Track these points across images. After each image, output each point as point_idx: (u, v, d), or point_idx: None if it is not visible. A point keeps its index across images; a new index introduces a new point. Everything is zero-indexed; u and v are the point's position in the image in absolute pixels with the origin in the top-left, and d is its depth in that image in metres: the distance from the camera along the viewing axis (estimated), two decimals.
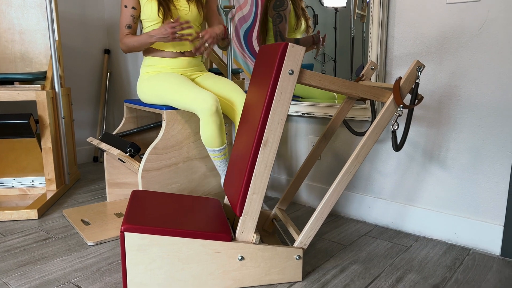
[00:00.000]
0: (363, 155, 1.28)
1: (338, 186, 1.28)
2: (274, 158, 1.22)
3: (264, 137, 1.21)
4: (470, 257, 1.45)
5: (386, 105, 1.27)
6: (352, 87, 1.27)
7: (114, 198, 2.05)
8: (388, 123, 1.28)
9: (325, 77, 1.24)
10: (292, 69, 1.18)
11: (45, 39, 2.30)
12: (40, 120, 2.05)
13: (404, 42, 1.60)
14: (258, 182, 1.22)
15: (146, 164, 1.63)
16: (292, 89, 1.19)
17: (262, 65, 1.35)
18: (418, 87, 1.30)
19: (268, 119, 1.20)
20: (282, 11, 1.99)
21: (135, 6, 1.72)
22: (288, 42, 1.17)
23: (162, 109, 1.67)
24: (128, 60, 2.94)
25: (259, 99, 1.28)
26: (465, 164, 1.52)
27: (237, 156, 1.39)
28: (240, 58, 2.42)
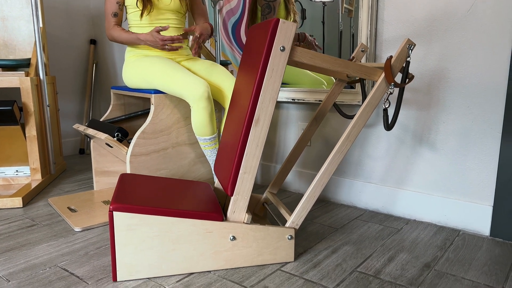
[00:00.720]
0: (354, 134, 1.28)
1: (329, 166, 1.27)
2: (265, 137, 1.21)
3: (255, 115, 1.19)
4: (460, 238, 1.46)
5: (377, 84, 1.26)
6: (344, 65, 1.26)
7: (101, 187, 2.01)
8: (379, 102, 1.28)
9: (317, 54, 1.23)
10: (283, 45, 1.16)
11: (29, 26, 2.25)
12: (24, 107, 2.00)
13: (394, 25, 1.60)
14: (250, 161, 1.21)
15: (135, 148, 1.60)
16: (284, 66, 1.18)
17: (252, 46, 1.33)
18: (409, 66, 1.31)
19: (259, 96, 1.18)
20: (272, 2, 1.98)
21: None
22: (279, 18, 1.16)
23: (150, 93, 1.64)
24: (114, 51, 2.89)
25: (250, 78, 1.26)
26: (454, 146, 1.53)
27: (228, 137, 1.37)
28: (228, 51, 2.40)
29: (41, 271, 1.22)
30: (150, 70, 1.62)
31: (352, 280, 1.17)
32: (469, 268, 1.24)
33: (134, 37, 1.65)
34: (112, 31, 1.69)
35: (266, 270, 1.22)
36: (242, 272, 1.21)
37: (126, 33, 1.67)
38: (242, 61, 1.43)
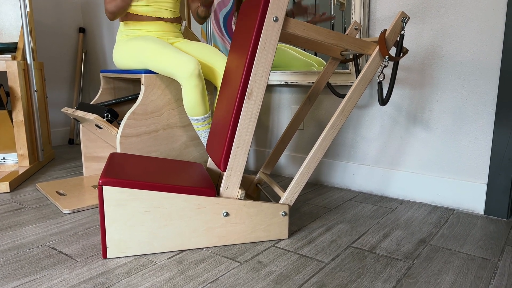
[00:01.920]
0: (348, 108, 1.26)
1: (323, 141, 1.25)
2: (258, 111, 1.19)
3: (248, 88, 1.17)
4: (454, 216, 1.45)
5: (372, 57, 1.25)
6: (338, 38, 1.24)
7: (91, 173, 1.97)
8: (373, 76, 1.26)
9: (310, 26, 1.21)
10: (276, 15, 1.14)
11: (16, 11, 2.20)
12: (11, 91, 1.95)
13: (387, 4, 1.59)
14: (243, 136, 1.18)
15: (125, 129, 1.56)
16: (277, 38, 1.16)
17: (244, 19, 1.31)
18: (403, 39, 1.29)
19: (252, 69, 1.16)
20: None
21: None
22: None
23: (140, 73, 1.61)
24: (104, 39, 2.85)
25: (242, 53, 1.23)
26: (448, 124, 1.52)
27: (220, 116, 1.34)
28: (219, 43, 2.38)
29: (28, 249, 1.18)
30: (141, 49, 1.59)
31: (347, 255, 1.15)
32: (464, 243, 1.23)
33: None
34: (108, 5, 1.59)
35: (260, 247, 1.20)
36: (235, 249, 1.19)
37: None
38: (233, 39, 1.41)
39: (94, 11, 2.86)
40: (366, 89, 1.70)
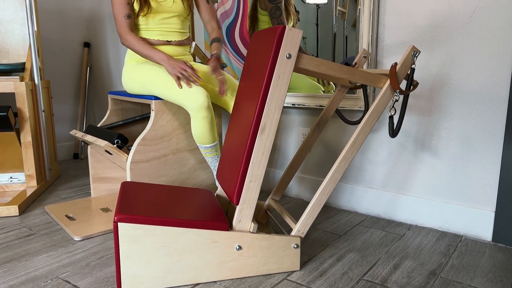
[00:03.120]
0: (360, 141, 1.27)
1: (335, 173, 1.26)
2: (271, 145, 1.20)
3: (261, 123, 1.18)
4: (463, 244, 1.47)
5: (382, 91, 1.26)
6: (349, 73, 1.25)
7: (98, 194, 1.98)
8: (384, 109, 1.28)
9: (322, 61, 1.22)
10: (289, 53, 1.15)
11: (23, 30, 2.20)
12: (19, 113, 1.96)
13: (395, 31, 1.60)
14: (256, 170, 1.19)
15: (135, 155, 1.57)
16: (290, 74, 1.17)
17: (256, 52, 1.32)
18: (414, 73, 1.31)
19: (265, 104, 1.17)
20: (279, 3, 1.96)
21: None
22: (285, 25, 1.15)
23: (150, 99, 1.62)
24: (109, 54, 2.86)
25: (254, 85, 1.25)
26: (456, 151, 1.53)
27: (232, 145, 1.35)
28: (223, 55, 2.39)
29: (43, 283, 1.19)
30: (150, 77, 1.59)
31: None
32: (474, 275, 1.24)
33: (154, 53, 1.56)
34: (129, 37, 1.59)
35: (272, 280, 1.21)
36: (248, 282, 1.20)
37: (143, 44, 1.59)
38: (245, 67, 1.42)
39: (98, 26, 2.87)
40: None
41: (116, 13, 1.60)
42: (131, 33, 1.60)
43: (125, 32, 1.60)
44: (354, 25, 1.97)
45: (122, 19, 1.59)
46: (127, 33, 1.60)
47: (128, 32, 1.60)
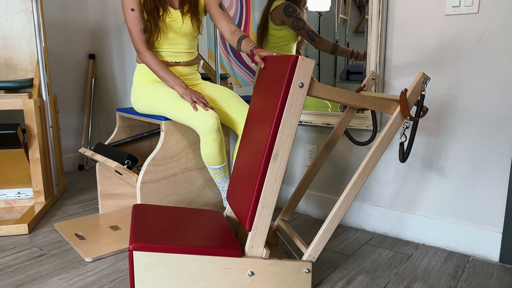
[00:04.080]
0: (371, 166, 1.28)
1: (346, 199, 1.27)
2: (283, 172, 1.21)
3: (274, 150, 1.19)
4: (470, 265, 1.48)
5: (393, 117, 1.28)
6: (360, 100, 1.27)
7: (106, 210, 1.99)
8: (395, 134, 1.29)
9: (334, 89, 1.24)
10: (302, 82, 1.17)
11: (30, 45, 2.22)
12: (27, 130, 1.97)
13: (403, 52, 1.61)
14: (268, 196, 1.21)
15: (145, 176, 1.58)
16: (302, 102, 1.18)
17: (268, 77, 1.33)
18: (424, 99, 1.32)
19: (278, 132, 1.19)
20: (299, 15, 1.98)
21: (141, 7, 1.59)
22: (298, 55, 1.16)
23: (160, 120, 1.63)
24: (114, 65, 2.87)
25: (267, 111, 1.26)
26: (463, 172, 1.54)
27: (243, 169, 1.36)
28: (225, 63, 2.41)
29: None
30: (159, 98, 1.60)
31: None
32: None
33: (170, 77, 1.57)
34: (148, 55, 1.58)
35: None
36: None
37: (162, 66, 1.58)
38: (257, 89, 1.43)
39: (103, 38, 2.88)
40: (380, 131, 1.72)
41: (131, 28, 1.58)
42: (149, 50, 1.59)
43: (143, 48, 1.58)
44: (355, 31, 2.00)
45: (137, 34, 1.58)
46: (145, 50, 1.58)
47: (146, 49, 1.58)
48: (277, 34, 2.10)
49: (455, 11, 1.47)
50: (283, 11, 2.03)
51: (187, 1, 1.65)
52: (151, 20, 1.59)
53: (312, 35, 2.03)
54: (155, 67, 1.58)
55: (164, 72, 1.57)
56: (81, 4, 2.85)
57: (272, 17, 2.08)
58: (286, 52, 2.13)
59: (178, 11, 1.63)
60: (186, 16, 1.64)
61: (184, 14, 1.64)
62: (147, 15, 1.59)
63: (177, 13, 1.63)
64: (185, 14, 1.64)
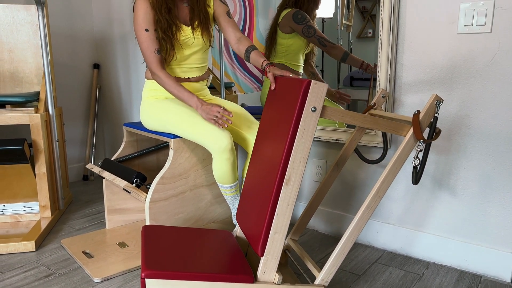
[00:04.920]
0: (383, 189, 1.27)
1: (359, 222, 1.26)
2: (296, 196, 1.20)
3: (286, 175, 1.18)
4: (482, 285, 1.47)
5: (406, 140, 1.26)
6: (373, 122, 1.26)
7: (113, 225, 1.98)
8: (408, 157, 1.28)
9: (346, 112, 1.22)
10: (315, 106, 1.15)
11: (36, 58, 2.20)
12: (34, 145, 1.96)
13: (414, 70, 1.60)
14: (280, 221, 1.19)
15: (154, 194, 1.57)
16: (315, 126, 1.17)
17: (279, 98, 1.32)
18: (437, 121, 1.31)
19: (290, 157, 1.17)
20: (309, 22, 1.97)
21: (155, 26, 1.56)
22: (311, 80, 1.15)
23: (169, 137, 1.62)
24: (119, 75, 2.86)
25: (279, 134, 1.25)
26: (475, 191, 1.53)
27: (254, 191, 1.35)
28: (229, 70, 2.40)
29: None
30: (170, 116, 1.59)
31: None
32: None
33: (186, 96, 1.52)
34: (162, 75, 1.55)
35: None
36: None
37: (176, 85, 1.54)
38: (267, 110, 1.42)
39: (108, 47, 2.87)
40: (391, 149, 1.71)
41: (145, 49, 1.56)
42: (163, 70, 1.56)
43: (158, 70, 1.56)
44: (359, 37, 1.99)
45: (152, 55, 1.56)
46: (160, 71, 1.56)
47: (160, 69, 1.56)
48: (285, 43, 2.08)
49: (467, 30, 1.46)
50: (292, 18, 2.01)
51: (197, 15, 1.63)
52: (167, 40, 1.56)
53: (323, 42, 2.01)
54: (170, 88, 1.55)
55: (179, 92, 1.54)
56: (86, 13, 2.84)
57: (280, 26, 2.07)
58: (294, 62, 2.12)
59: (189, 27, 1.62)
60: (196, 31, 1.63)
61: (194, 29, 1.62)
62: (162, 34, 1.57)
63: (189, 29, 1.61)
64: (195, 29, 1.62)
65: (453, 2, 1.47)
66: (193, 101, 1.53)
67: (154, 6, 1.55)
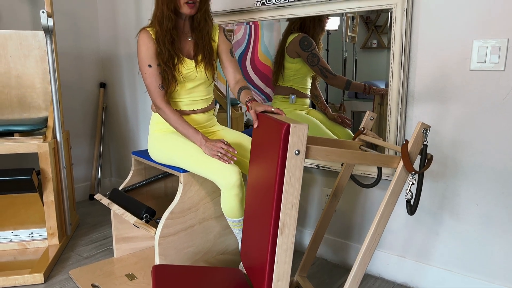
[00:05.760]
0: (382, 225, 1.25)
1: (362, 261, 1.24)
2: (293, 241, 1.18)
3: (280, 221, 1.16)
4: None
5: (397, 172, 1.23)
6: (362, 158, 1.23)
7: (121, 253, 1.97)
8: (402, 189, 1.26)
9: (333, 151, 1.19)
10: (298, 149, 1.13)
11: (44, 83, 2.20)
12: (42, 173, 1.96)
13: (424, 103, 1.59)
14: (281, 268, 1.18)
15: (163, 230, 1.56)
16: (301, 168, 1.14)
17: (263, 137, 1.31)
18: (427, 149, 1.28)
19: (281, 203, 1.15)
20: (314, 50, 1.97)
21: (158, 61, 1.57)
22: (290, 124, 1.12)
23: (178, 171, 1.61)
24: (125, 93, 2.85)
25: (266, 179, 1.23)
26: (481, 226, 1.52)
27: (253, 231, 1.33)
28: None
29: None
30: (178, 151, 1.58)
31: None
32: None
33: (190, 132, 1.54)
34: (167, 110, 1.56)
35: None
36: None
37: (181, 121, 1.56)
38: (254, 148, 1.40)
39: (114, 67, 2.86)
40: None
41: (149, 84, 1.57)
42: (167, 105, 1.57)
43: (162, 104, 1.57)
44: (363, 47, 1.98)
45: (156, 90, 1.57)
46: (164, 105, 1.56)
47: (165, 104, 1.57)
48: (293, 67, 2.08)
49: (480, 67, 1.44)
50: (299, 44, 2.01)
51: (201, 50, 1.63)
52: (168, 71, 1.57)
53: (325, 72, 2.01)
54: (175, 124, 1.56)
55: (183, 128, 1.54)
56: (92, 33, 2.84)
57: (288, 50, 2.06)
58: (301, 85, 2.11)
59: (192, 61, 1.61)
60: (200, 65, 1.62)
61: (198, 63, 1.62)
62: (163, 66, 1.56)
63: (192, 63, 1.61)
64: (199, 63, 1.62)
65: (466, 39, 1.46)
66: (197, 138, 1.53)
67: (157, 39, 1.55)
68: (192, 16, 1.60)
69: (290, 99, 2.16)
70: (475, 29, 1.44)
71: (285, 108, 2.18)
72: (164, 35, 1.54)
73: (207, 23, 1.61)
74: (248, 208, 1.41)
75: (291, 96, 2.15)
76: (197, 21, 1.60)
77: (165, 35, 1.54)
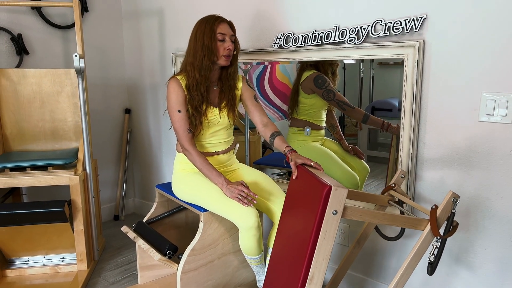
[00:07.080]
0: (402, 282, 1.33)
1: None
2: None
3: (310, 273, 1.25)
4: None
5: (423, 235, 1.32)
6: (392, 219, 1.32)
7: (145, 280, 2.09)
8: (426, 250, 1.33)
9: (366, 212, 1.29)
10: (336, 209, 1.23)
11: (74, 117, 2.35)
12: (72, 203, 2.10)
13: (435, 149, 1.65)
14: None
15: (185, 266, 1.67)
16: (336, 228, 1.24)
17: (301, 192, 1.40)
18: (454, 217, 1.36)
19: (313, 256, 1.25)
20: (328, 86, 2.06)
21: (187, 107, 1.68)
22: (331, 186, 1.22)
23: (199, 210, 1.71)
24: (149, 119, 2.99)
25: (301, 233, 1.32)
26: (494, 273, 1.57)
27: (280, 278, 1.43)
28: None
29: None
30: (200, 192, 1.69)
31: None
32: None
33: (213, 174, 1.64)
34: (193, 152, 1.66)
35: None
36: None
37: (205, 163, 1.65)
38: (289, 200, 1.50)
39: (139, 94, 3.01)
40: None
41: (178, 128, 1.68)
42: (194, 147, 1.68)
43: (189, 147, 1.67)
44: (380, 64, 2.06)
45: (184, 134, 1.67)
46: (191, 148, 1.67)
47: (192, 148, 1.67)
48: (308, 102, 2.17)
49: (488, 119, 1.50)
50: (313, 82, 2.10)
51: (226, 97, 1.74)
52: (196, 115, 1.68)
53: (343, 106, 2.10)
54: (200, 166, 1.66)
55: (207, 170, 1.65)
56: (119, 63, 2.99)
57: (302, 87, 2.15)
58: (316, 118, 2.20)
59: (217, 108, 1.72)
60: (223, 111, 1.74)
61: (221, 110, 1.73)
62: (192, 110, 1.68)
63: (216, 109, 1.72)
64: (222, 109, 1.73)
65: (476, 91, 1.52)
66: (219, 181, 1.64)
67: (188, 86, 1.66)
68: (222, 67, 1.72)
69: (305, 131, 2.25)
70: (484, 82, 1.50)
71: (300, 140, 2.27)
72: (202, 83, 1.66)
73: (235, 74, 1.76)
74: (277, 251, 1.50)
75: (306, 128, 2.24)
76: (228, 73, 1.73)
77: (203, 82, 1.66)
